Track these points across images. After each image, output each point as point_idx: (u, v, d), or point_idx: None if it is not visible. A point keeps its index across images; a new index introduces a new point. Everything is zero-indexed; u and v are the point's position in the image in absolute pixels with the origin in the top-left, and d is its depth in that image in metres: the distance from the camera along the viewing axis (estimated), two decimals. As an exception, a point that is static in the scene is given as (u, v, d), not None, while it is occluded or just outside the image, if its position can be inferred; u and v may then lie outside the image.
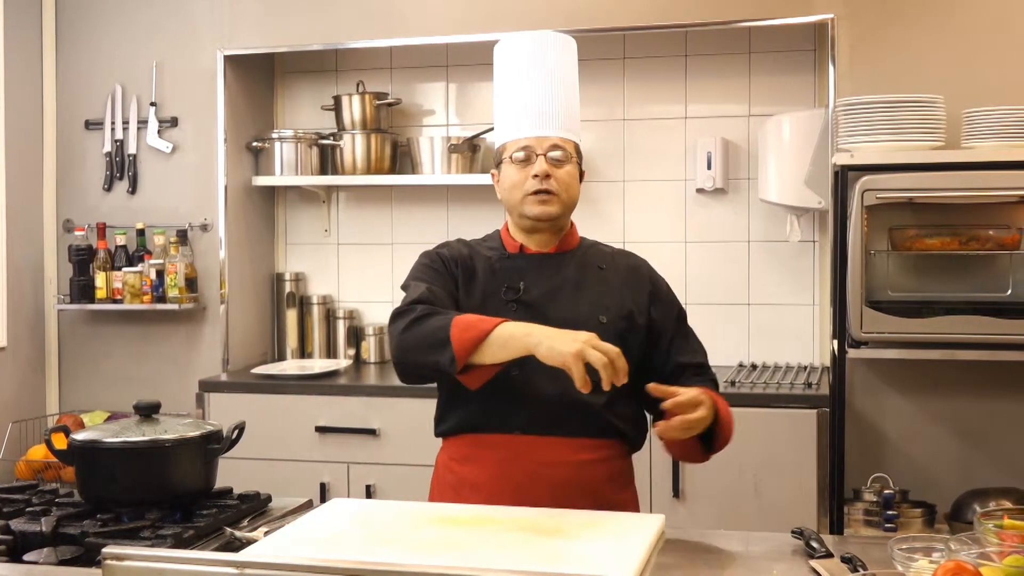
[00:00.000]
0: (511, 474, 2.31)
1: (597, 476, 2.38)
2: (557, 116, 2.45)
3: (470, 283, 2.45)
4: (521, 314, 2.37)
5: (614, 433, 2.41)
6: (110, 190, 4.63)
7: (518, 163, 2.43)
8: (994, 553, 1.76)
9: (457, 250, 2.50)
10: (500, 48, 2.55)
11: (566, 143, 2.45)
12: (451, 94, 4.70)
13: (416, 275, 2.44)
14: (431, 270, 2.44)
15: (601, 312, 2.41)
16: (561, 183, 2.41)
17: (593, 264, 2.50)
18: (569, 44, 2.55)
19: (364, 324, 4.72)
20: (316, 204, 4.80)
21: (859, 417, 3.96)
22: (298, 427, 4.09)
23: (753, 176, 4.31)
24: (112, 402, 4.57)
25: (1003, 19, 3.84)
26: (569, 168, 2.44)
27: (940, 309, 3.56)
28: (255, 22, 4.46)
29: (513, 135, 2.46)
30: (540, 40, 2.51)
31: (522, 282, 2.42)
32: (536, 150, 2.42)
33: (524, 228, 2.48)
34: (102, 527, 2.09)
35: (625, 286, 2.48)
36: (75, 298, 4.51)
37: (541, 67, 2.47)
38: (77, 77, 4.66)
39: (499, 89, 2.55)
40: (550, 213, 2.42)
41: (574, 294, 2.44)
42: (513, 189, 2.44)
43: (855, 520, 3.66)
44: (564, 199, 2.43)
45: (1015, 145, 3.48)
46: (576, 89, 2.54)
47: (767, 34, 4.29)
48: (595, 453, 2.38)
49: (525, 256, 2.48)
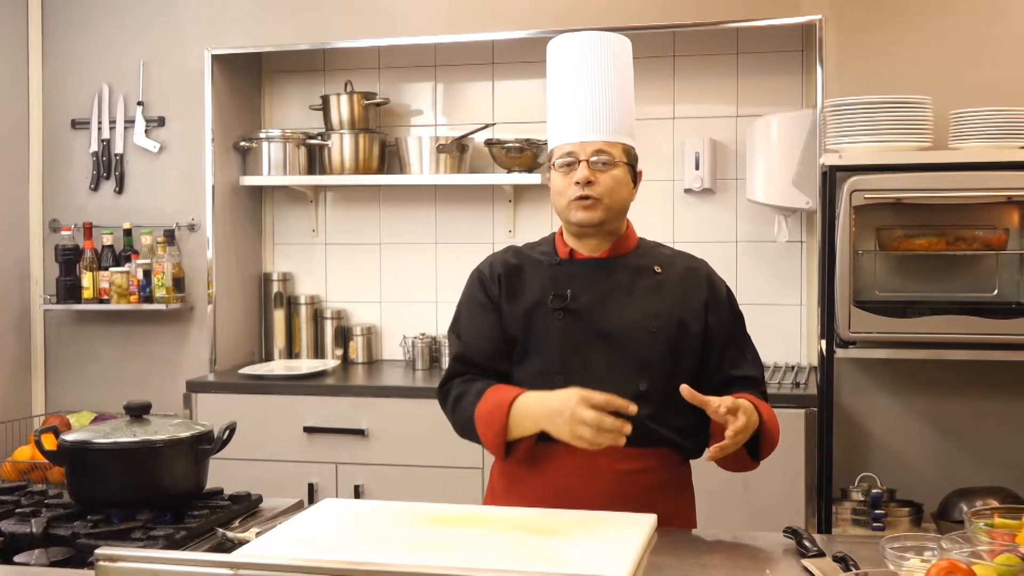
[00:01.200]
0: (556, 484, 2.26)
1: (644, 486, 2.32)
2: (603, 119, 2.39)
3: (517, 294, 2.42)
4: (568, 322, 2.35)
5: (663, 443, 2.35)
6: (97, 190, 4.61)
7: (563, 169, 2.39)
8: (985, 552, 1.77)
9: (503, 263, 2.47)
10: (552, 47, 2.49)
11: (612, 147, 2.38)
12: (439, 94, 4.69)
13: (457, 319, 2.50)
14: (469, 308, 2.48)
15: (651, 320, 2.36)
16: (605, 188, 2.35)
17: (648, 268, 2.43)
18: (623, 44, 2.48)
19: (352, 324, 4.71)
20: (304, 204, 4.79)
21: (846, 417, 3.98)
22: (286, 427, 4.08)
23: (741, 176, 4.32)
24: (99, 403, 4.55)
25: (990, 21, 3.86)
26: (616, 172, 2.38)
27: (927, 309, 3.58)
28: (243, 21, 4.45)
29: (559, 140, 2.42)
30: (590, 40, 2.44)
31: (569, 290, 2.38)
32: (579, 155, 2.37)
33: (572, 233, 2.44)
34: (93, 528, 2.08)
35: (680, 291, 2.42)
36: (61, 298, 4.49)
37: (589, 68, 2.41)
38: (64, 76, 4.64)
39: (550, 91, 2.49)
40: (592, 219, 2.37)
41: (624, 301, 2.38)
42: (558, 196, 2.40)
43: (843, 519, 3.67)
44: (608, 204, 2.36)
45: (1002, 146, 3.50)
46: (629, 90, 2.47)
47: (755, 35, 4.30)
48: (641, 462, 2.32)
49: (575, 262, 2.43)
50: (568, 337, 2.36)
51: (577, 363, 2.34)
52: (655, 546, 2.08)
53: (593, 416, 2.12)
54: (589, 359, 2.35)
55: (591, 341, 2.35)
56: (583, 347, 2.35)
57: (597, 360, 2.34)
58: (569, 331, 2.36)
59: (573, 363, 2.34)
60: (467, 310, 2.48)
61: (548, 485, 2.30)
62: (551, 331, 2.37)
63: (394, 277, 4.73)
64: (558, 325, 2.36)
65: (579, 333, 2.36)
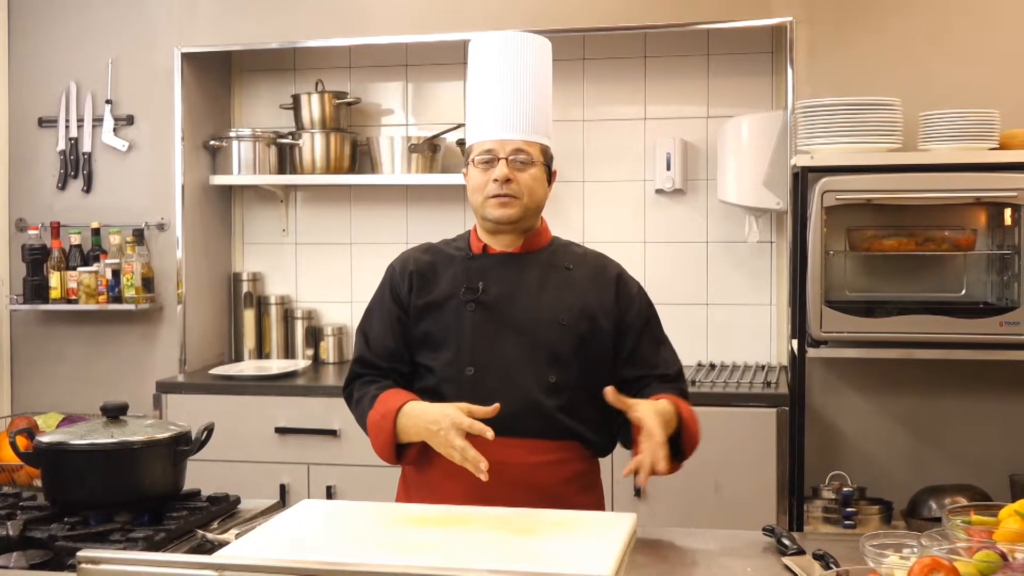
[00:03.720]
0: (462, 474, 2.25)
1: (554, 478, 2.37)
2: (522, 119, 2.44)
3: (429, 287, 2.47)
4: (479, 315, 2.39)
5: (572, 435, 2.40)
6: (64, 189, 4.57)
7: (481, 165, 2.44)
8: (963, 549, 1.79)
9: (415, 260, 2.53)
10: (474, 47, 2.54)
11: (531, 146, 2.44)
12: (410, 94, 4.69)
13: (367, 317, 2.57)
14: (377, 308, 2.54)
15: (562, 313, 2.41)
16: (524, 186, 2.41)
17: (560, 264, 2.49)
18: (543, 45, 2.54)
19: (323, 324, 4.70)
20: (274, 204, 4.76)
21: (817, 416, 4.01)
22: (257, 428, 4.06)
23: (712, 177, 4.34)
24: (66, 404, 4.51)
25: (959, 24, 3.91)
26: (533, 171, 2.43)
27: (896, 309, 3.62)
28: (213, 19, 4.42)
29: (478, 137, 2.47)
30: (511, 40, 2.50)
31: (481, 283, 2.42)
32: (498, 153, 2.42)
33: (487, 229, 2.49)
34: (70, 531, 2.07)
35: (590, 287, 2.47)
36: (28, 298, 4.44)
37: (510, 68, 2.46)
38: (30, 73, 4.59)
39: (471, 89, 2.54)
40: (510, 216, 2.42)
41: (535, 295, 2.43)
42: (475, 192, 2.45)
43: (814, 517, 3.70)
44: (526, 202, 2.42)
45: (970, 147, 3.54)
46: (547, 91, 2.53)
47: (725, 36, 4.33)
48: (552, 455, 2.37)
49: (488, 256, 2.48)
50: (479, 329, 2.40)
51: (488, 354, 2.39)
52: (635, 545, 2.09)
53: (460, 445, 2.20)
54: (500, 351, 2.39)
55: (502, 333, 2.40)
56: (494, 339, 2.40)
57: (508, 352, 2.39)
58: (480, 323, 2.40)
59: (484, 354, 2.39)
60: (375, 309, 2.56)
61: (459, 477, 2.28)
62: (462, 323, 2.41)
63: (365, 277, 4.70)
64: (469, 317, 2.40)
65: (490, 325, 2.40)
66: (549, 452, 2.37)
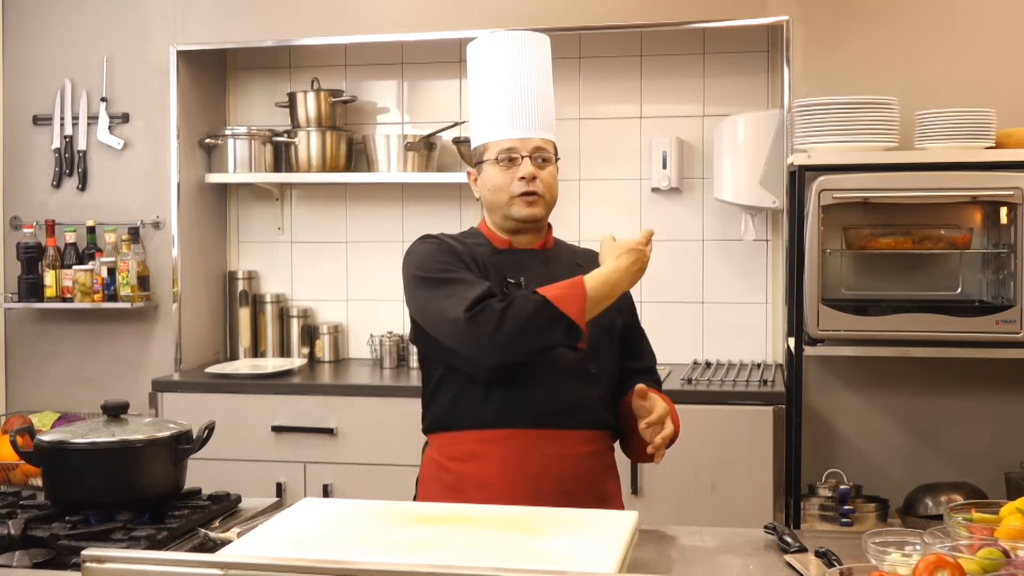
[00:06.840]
0: (520, 470, 2.28)
1: (597, 468, 2.42)
2: (538, 117, 2.45)
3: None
4: None
5: (606, 425, 2.44)
6: (59, 187, 4.55)
7: (503, 164, 2.43)
8: (965, 546, 1.80)
9: (450, 242, 2.44)
10: (475, 47, 2.54)
11: (547, 144, 2.46)
12: (405, 92, 4.68)
13: (446, 265, 2.36)
14: (455, 257, 2.38)
15: None
16: (545, 184, 2.43)
17: (572, 262, 2.51)
18: (544, 43, 2.55)
19: (318, 323, 4.69)
20: (270, 202, 4.76)
21: (813, 413, 4.02)
22: (254, 427, 4.05)
23: (708, 176, 4.35)
24: (61, 402, 4.50)
25: (955, 23, 3.92)
26: (551, 169, 2.46)
27: (892, 307, 3.62)
28: (208, 17, 4.41)
29: (496, 136, 2.45)
30: (517, 40, 2.50)
31: (522, 277, 2.42)
32: (521, 151, 2.42)
33: (508, 228, 2.48)
34: (72, 529, 2.06)
35: None
36: (23, 297, 4.43)
37: (520, 67, 2.47)
38: (25, 71, 4.57)
39: (476, 88, 2.53)
40: (537, 215, 2.43)
41: None
42: (498, 191, 2.43)
43: (811, 515, 3.71)
44: (548, 200, 2.45)
45: (966, 146, 3.55)
46: (552, 89, 2.54)
47: (721, 35, 4.33)
48: (594, 445, 2.41)
49: (515, 252, 2.48)
50: None
51: None
52: (637, 542, 2.09)
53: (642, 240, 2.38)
54: None
55: None
56: None
57: None
58: None
59: None
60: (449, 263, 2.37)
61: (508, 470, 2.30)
62: None
63: (361, 276, 4.71)
64: None
65: None
66: (592, 442, 2.40)
